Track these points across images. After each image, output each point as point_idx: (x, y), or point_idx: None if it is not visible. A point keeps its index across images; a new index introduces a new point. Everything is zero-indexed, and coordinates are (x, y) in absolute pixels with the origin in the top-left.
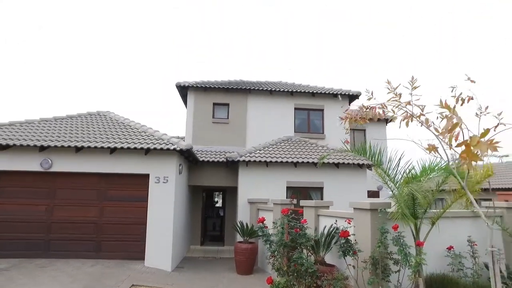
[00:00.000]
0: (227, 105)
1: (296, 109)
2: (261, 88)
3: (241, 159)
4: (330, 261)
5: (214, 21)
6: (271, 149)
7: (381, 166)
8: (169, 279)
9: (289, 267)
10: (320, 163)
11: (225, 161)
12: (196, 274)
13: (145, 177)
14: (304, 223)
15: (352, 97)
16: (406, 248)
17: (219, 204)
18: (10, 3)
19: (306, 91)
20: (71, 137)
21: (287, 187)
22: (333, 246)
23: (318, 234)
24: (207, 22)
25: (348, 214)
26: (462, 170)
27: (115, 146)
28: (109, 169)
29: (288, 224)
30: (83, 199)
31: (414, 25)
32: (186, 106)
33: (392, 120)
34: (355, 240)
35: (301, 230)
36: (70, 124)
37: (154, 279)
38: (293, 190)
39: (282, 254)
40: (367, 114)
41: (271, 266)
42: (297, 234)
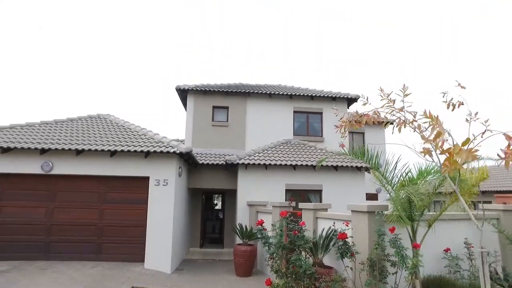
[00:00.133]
0: (227, 108)
1: (295, 112)
2: (260, 91)
3: (240, 162)
4: (328, 263)
5: (214, 21)
6: (270, 152)
7: (378, 169)
8: (168, 281)
9: (287, 269)
10: (318, 166)
11: (224, 164)
12: (195, 276)
13: (145, 179)
14: (302, 226)
15: (350, 100)
16: (403, 250)
17: (219, 206)
18: (10, 3)
19: (305, 94)
20: (72, 140)
21: (286, 190)
22: (331, 248)
23: (317, 236)
24: (207, 22)
25: (346, 216)
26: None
27: (115, 149)
28: (109, 171)
29: (286, 226)
30: (84, 202)
31: (414, 25)
32: (185, 109)
33: (386, 125)
34: (353, 242)
35: (299, 232)
36: (71, 127)
37: (153, 281)
38: (292, 193)
39: (281, 256)
40: (362, 120)
41: (270, 268)
42: (295, 236)
